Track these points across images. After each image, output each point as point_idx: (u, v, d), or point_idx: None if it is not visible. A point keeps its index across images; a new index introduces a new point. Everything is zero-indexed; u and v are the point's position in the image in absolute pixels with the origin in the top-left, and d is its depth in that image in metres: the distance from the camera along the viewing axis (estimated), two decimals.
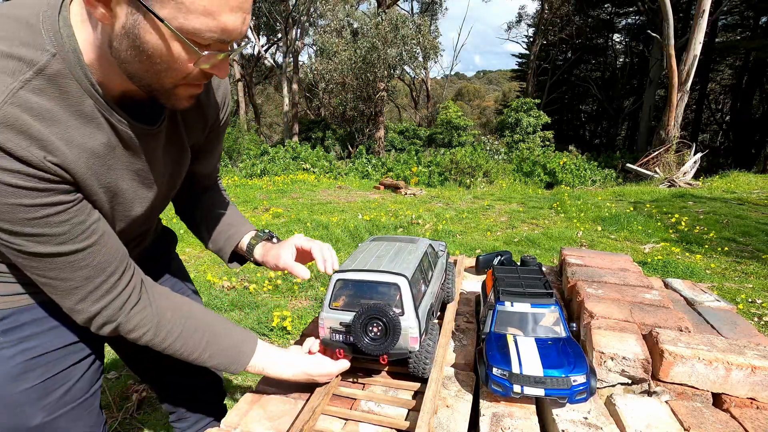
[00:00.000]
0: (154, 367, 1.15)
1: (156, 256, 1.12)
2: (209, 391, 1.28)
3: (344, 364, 0.92)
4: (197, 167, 1.04)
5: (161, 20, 0.57)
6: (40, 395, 0.85)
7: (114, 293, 0.75)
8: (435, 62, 23.89)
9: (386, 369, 0.98)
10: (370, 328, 0.84)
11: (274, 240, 1.10)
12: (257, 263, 1.08)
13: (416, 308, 0.86)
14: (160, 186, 0.87)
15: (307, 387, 0.93)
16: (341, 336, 0.89)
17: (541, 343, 0.88)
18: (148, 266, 0.92)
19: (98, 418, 0.97)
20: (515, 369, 0.82)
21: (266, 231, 1.11)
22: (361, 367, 0.98)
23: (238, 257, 1.13)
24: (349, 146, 15.29)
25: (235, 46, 0.68)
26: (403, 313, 0.85)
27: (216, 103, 0.95)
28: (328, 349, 0.95)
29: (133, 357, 1.15)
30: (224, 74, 0.70)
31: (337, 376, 0.93)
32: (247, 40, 0.72)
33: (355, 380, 0.96)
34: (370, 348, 0.84)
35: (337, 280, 0.91)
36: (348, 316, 0.87)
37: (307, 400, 0.88)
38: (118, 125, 0.71)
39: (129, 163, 0.77)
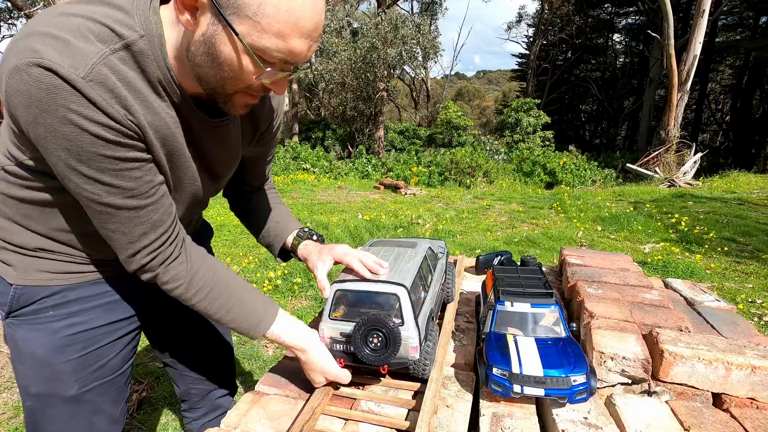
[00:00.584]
0: (177, 344, 1.21)
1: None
2: (224, 380, 1.32)
3: (347, 375, 0.90)
4: (249, 168, 1.11)
5: (237, 35, 0.65)
6: (78, 368, 0.93)
7: (162, 249, 0.81)
8: (435, 62, 23.89)
9: None
10: (371, 339, 0.84)
11: (314, 237, 1.15)
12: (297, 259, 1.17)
13: (416, 317, 0.86)
14: (212, 174, 0.94)
15: (307, 387, 0.93)
16: (341, 346, 0.89)
17: (541, 343, 0.88)
18: None
19: (123, 394, 1.05)
20: (515, 369, 0.82)
21: (307, 229, 1.16)
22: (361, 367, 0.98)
23: (285, 253, 1.20)
24: (349, 146, 15.27)
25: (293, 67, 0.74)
26: (402, 323, 0.85)
27: (270, 110, 1.00)
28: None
29: (161, 334, 1.20)
30: (282, 91, 0.77)
31: (331, 383, 0.92)
32: (308, 64, 0.76)
33: (356, 384, 0.96)
34: (371, 359, 0.84)
35: (337, 290, 0.91)
36: (348, 327, 0.87)
37: (307, 400, 0.88)
38: (182, 108, 0.78)
39: (187, 144, 0.83)
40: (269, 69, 0.69)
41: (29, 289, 0.88)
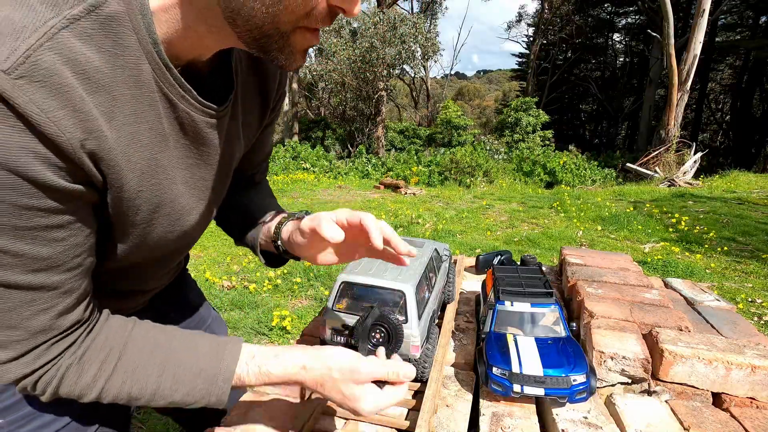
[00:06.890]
0: None
1: (175, 293, 0.96)
2: None
3: (409, 368, 0.67)
4: (254, 155, 0.84)
5: None
6: None
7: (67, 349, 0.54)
8: (435, 61, 23.87)
9: None
10: (373, 334, 0.84)
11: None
12: (286, 254, 0.81)
13: (420, 316, 0.86)
14: (215, 189, 0.67)
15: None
16: (342, 338, 0.90)
17: (540, 342, 0.88)
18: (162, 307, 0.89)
19: None
20: (515, 368, 0.82)
21: (302, 212, 0.81)
22: None
23: (270, 255, 0.87)
24: (348, 146, 15.27)
25: None
26: (406, 321, 0.85)
27: (274, 78, 0.74)
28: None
29: None
30: (356, 12, 0.51)
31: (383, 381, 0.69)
32: None
33: None
34: (372, 354, 0.84)
35: (343, 282, 0.91)
36: (350, 319, 0.87)
37: (307, 399, 0.88)
38: (179, 103, 0.52)
39: (183, 158, 0.57)
40: None
41: None
